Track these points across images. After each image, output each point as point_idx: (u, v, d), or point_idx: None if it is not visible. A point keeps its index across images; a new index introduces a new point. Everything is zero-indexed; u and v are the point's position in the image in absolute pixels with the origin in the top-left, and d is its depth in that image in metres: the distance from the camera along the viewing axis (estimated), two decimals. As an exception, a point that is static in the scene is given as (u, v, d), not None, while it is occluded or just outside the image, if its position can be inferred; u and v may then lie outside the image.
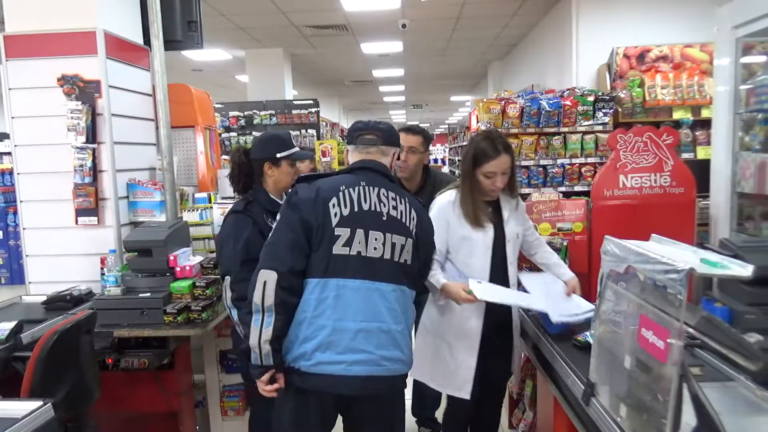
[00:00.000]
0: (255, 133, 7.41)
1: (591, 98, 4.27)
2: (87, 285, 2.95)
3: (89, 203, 3.00)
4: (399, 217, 1.91)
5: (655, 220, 2.82)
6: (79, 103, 2.95)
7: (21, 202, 3.09)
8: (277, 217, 1.90)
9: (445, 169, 14.62)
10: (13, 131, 3.06)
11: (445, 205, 2.38)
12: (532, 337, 2.38)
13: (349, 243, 1.83)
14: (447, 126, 22.44)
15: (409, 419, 2.81)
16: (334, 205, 1.83)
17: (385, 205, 1.90)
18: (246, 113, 7.71)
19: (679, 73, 4.55)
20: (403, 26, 7.32)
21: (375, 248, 1.85)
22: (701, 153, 4.22)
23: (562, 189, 4.17)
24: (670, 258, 1.27)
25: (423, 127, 3.13)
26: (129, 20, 3.30)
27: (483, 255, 2.32)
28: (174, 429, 2.96)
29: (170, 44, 3.40)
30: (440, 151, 19.38)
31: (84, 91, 2.97)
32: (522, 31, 7.92)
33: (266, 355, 1.78)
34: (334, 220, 1.82)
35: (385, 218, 1.88)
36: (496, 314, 2.34)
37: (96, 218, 3.03)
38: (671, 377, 1.19)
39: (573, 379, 1.81)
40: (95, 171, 3.01)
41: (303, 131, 7.66)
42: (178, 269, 2.78)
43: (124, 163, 3.15)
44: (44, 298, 2.81)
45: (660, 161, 2.91)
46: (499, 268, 2.35)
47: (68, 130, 2.94)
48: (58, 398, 1.99)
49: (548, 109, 4.19)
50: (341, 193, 1.86)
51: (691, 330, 1.31)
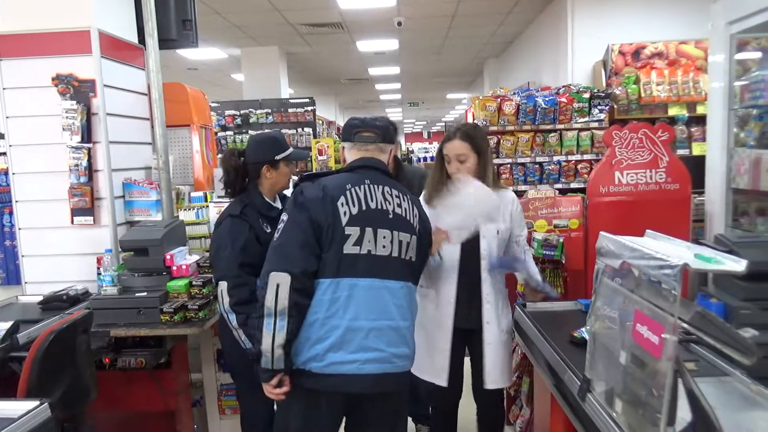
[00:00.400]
0: (251, 132, 7.40)
1: (587, 95, 4.29)
2: (83, 285, 2.94)
3: (85, 203, 3.00)
4: (403, 214, 1.92)
5: (651, 217, 2.82)
6: (74, 102, 2.94)
7: (16, 202, 3.08)
8: (283, 218, 1.85)
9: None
10: (8, 131, 3.05)
11: None
12: (529, 334, 2.38)
13: (359, 242, 1.81)
14: (444, 124, 22.44)
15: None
16: (342, 204, 1.81)
17: (390, 203, 1.89)
18: (242, 112, 7.70)
19: (674, 70, 4.56)
20: (399, 24, 7.32)
21: (384, 246, 1.85)
22: (696, 149, 4.24)
23: (558, 186, 4.19)
24: (664, 254, 1.27)
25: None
26: (123, 19, 3.30)
27: (452, 246, 2.32)
28: (171, 428, 2.95)
29: (165, 43, 3.39)
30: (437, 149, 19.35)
31: (79, 91, 2.96)
32: (518, 28, 7.92)
33: (278, 359, 1.74)
34: (344, 219, 1.80)
35: (391, 216, 1.88)
36: (469, 305, 2.41)
37: (92, 218, 3.03)
38: (666, 372, 1.19)
39: (569, 375, 1.82)
40: (91, 170, 3.00)
41: (299, 130, 7.65)
42: (174, 268, 2.78)
43: (120, 162, 3.14)
44: (40, 298, 2.80)
45: (655, 158, 2.92)
46: (470, 261, 2.39)
47: (63, 129, 2.93)
48: (54, 398, 1.98)
49: (544, 106, 4.20)
50: (348, 192, 1.84)
51: (685, 325, 1.32)
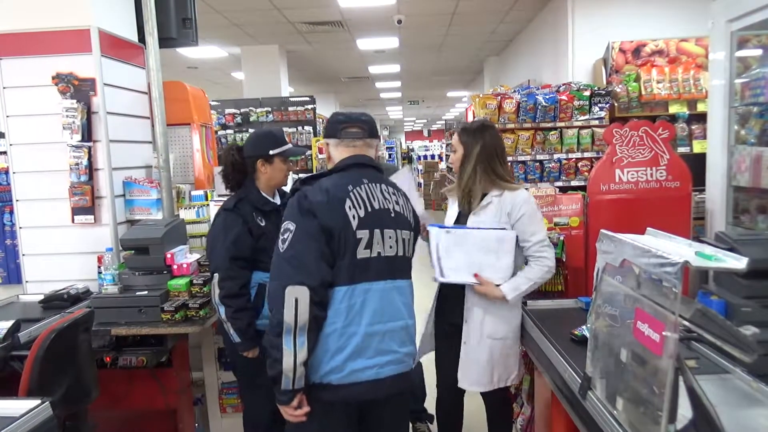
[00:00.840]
0: (251, 130, 7.39)
1: (587, 93, 4.28)
2: (84, 283, 2.95)
3: (85, 202, 3.00)
4: (401, 212, 1.89)
5: (652, 214, 2.83)
6: (74, 101, 2.94)
7: (17, 201, 3.08)
8: (288, 226, 1.73)
9: (442, 165, 14.60)
10: (8, 130, 3.05)
11: None
12: (529, 332, 2.38)
13: (369, 245, 1.76)
14: (444, 122, 22.40)
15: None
16: (350, 208, 1.75)
17: (389, 202, 1.86)
18: (242, 110, 7.68)
19: (675, 68, 4.55)
20: (399, 22, 7.30)
21: (390, 246, 1.82)
22: (697, 147, 4.23)
23: (559, 184, 4.18)
24: (665, 251, 1.27)
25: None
26: (123, 18, 3.29)
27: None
28: (173, 427, 2.96)
29: (165, 41, 3.39)
30: (437, 147, 19.36)
31: (79, 89, 2.96)
32: (518, 26, 7.90)
33: (299, 378, 1.65)
34: (354, 224, 1.74)
35: (393, 215, 1.85)
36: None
37: (92, 217, 3.03)
38: (667, 370, 1.19)
39: (570, 373, 1.82)
40: (91, 169, 3.00)
41: (299, 128, 7.63)
42: (175, 267, 2.79)
43: (120, 161, 3.14)
44: (41, 297, 2.81)
45: (656, 155, 2.92)
46: None
47: (63, 128, 2.93)
48: (56, 397, 1.99)
49: (544, 104, 4.19)
50: (352, 194, 1.78)
51: (686, 323, 1.32)
